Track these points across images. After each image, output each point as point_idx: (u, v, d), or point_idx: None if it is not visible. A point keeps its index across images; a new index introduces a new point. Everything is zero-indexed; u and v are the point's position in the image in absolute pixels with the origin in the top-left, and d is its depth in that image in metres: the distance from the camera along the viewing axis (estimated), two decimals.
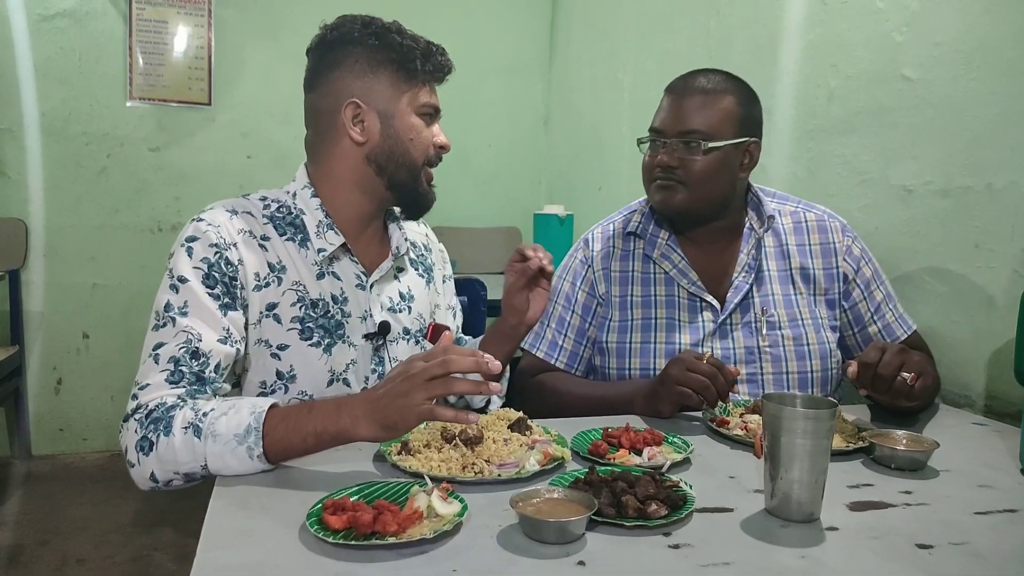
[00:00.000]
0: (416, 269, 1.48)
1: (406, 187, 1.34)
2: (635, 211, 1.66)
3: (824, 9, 2.05)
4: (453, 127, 4.27)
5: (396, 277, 1.43)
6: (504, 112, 4.10)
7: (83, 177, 3.47)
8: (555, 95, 4.11)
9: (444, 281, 1.58)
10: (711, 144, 1.47)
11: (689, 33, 2.75)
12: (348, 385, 1.32)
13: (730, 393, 1.37)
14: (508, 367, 1.53)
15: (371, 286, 1.35)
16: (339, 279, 1.33)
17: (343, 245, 1.33)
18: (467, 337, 1.62)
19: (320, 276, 1.31)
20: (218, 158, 3.63)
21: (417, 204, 1.38)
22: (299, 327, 1.28)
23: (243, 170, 3.63)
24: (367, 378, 1.34)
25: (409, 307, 1.42)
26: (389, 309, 1.39)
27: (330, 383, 1.30)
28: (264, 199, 1.33)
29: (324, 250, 1.30)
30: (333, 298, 1.31)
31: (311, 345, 1.29)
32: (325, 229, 1.31)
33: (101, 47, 3.43)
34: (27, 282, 3.41)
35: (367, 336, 1.34)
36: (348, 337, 1.32)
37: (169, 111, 3.55)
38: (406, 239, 1.45)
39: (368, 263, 1.37)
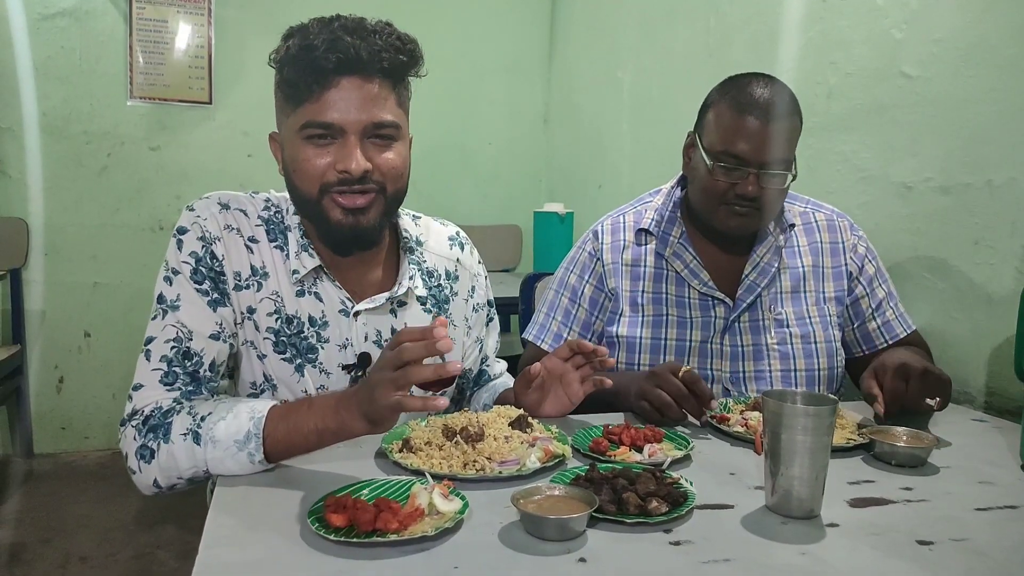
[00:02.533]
0: (423, 304, 1.36)
1: (315, 222, 1.22)
2: (648, 204, 1.63)
3: (823, 6, 2.05)
4: (454, 125, 4.30)
5: (393, 312, 1.32)
6: (504, 110, 4.10)
7: (84, 176, 3.47)
8: (555, 93, 4.11)
9: (475, 310, 1.46)
10: (794, 171, 1.46)
11: (689, 31, 2.75)
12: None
13: (728, 394, 1.37)
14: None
15: (356, 314, 1.27)
16: (321, 301, 1.26)
17: (320, 268, 1.25)
18: (504, 375, 1.57)
19: (300, 293, 1.25)
20: (219, 157, 3.63)
21: (336, 239, 1.22)
22: (273, 339, 1.23)
23: (244, 169, 3.64)
24: None
25: None
26: (375, 343, 1.29)
27: None
28: (268, 200, 1.29)
29: (297, 272, 1.24)
30: (311, 319, 1.25)
31: (283, 360, 1.24)
32: (301, 250, 1.24)
33: (101, 46, 3.44)
34: (28, 281, 3.41)
35: (345, 367, 1.27)
36: (321, 363, 1.25)
37: (170, 110, 3.55)
38: (420, 269, 1.36)
39: (358, 290, 1.29)
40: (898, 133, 1.81)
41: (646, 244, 1.60)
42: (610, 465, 1.06)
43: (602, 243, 1.62)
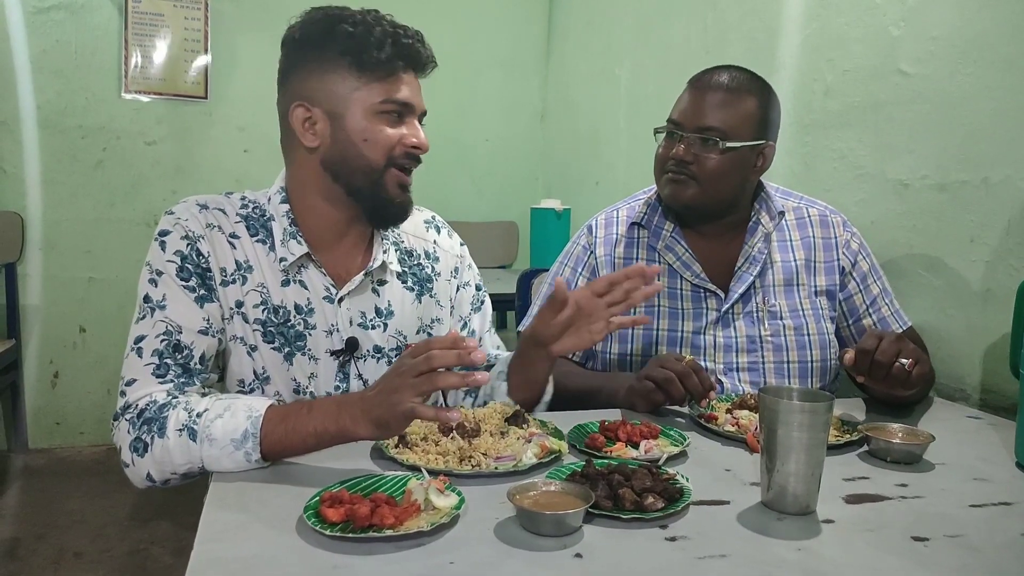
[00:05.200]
0: (404, 282, 1.37)
1: (366, 194, 1.24)
2: (640, 200, 1.65)
3: (821, 4, 2.05)
4: (450, 121, 4.28)
5: (374, 291, 1.34)
6: (501, 106, 4.10)
7: (79, 170, 3.45)
8: (552, 90, 4.11)
9: (459, 290, 1.47)
10: (728, 144, 1.46)
11: (686, 28, 2.75)
12: (313, 399, 1.26)
13: (722, 388, 1.37)
14: (550, 383, 1.39)
15: (339, 300, 1.28)
16: (306, 289, 1.27)
17: (308, 255, 1.27)
18: (501, 353, 1.51)
19: (285, 283, 1.26)
20: (215, 152, 3.62)
21: (383, 213, 1.28)
22: (262, 330, 1.25)
23: (240, 164, 3.63)
24: (329, 394, 1.28)
25: (385, 324, 1.33)
26: (360, 324, 1.31)
27: (296, 391, 1.27)
28: (244, 198, 1.30)
29: (285, 259, 1.25)
30: (297, 307, 1.26)
31: (273, 349, 1.25)
32: (288, 238, 1.26)
33: (97, 40, 3.42)
34: (23, 275, 3.40)
35: (333, 352, 1.28)
36: (309, 350, 1.27)
37: (165, 105, 3.54)
38: (398, 249, 1.38)
39: (343, 274, 1.30)
40: (895, 130, 1.81)
41: (639, 237, 1.62)
42: (606, 461, 1.06)
43: (596, 237, 1.65)
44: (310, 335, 1.27)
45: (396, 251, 1.38)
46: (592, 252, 1.63)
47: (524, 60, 4.12)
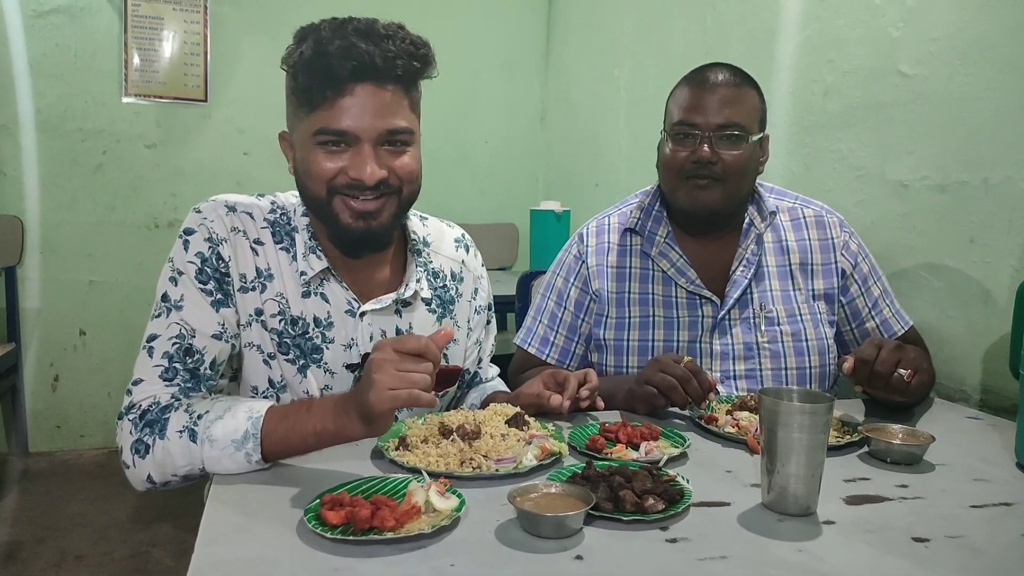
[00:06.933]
0: (428, 305, 1.36)
1: (324, 222, 1.22)
2: (632, 205, 1.63)
3: (820, 5, 2.05)
4: (450, 123, 4.29)
5: (398, 312, 1.32)
6: (501, 108, 4.10)
7: (79, 174, 3.46)
8: (552, 91, 4.11)
9: (477, 312, 1.46)
10: (753, 137, 1.46)
11: (686, 29, 2.75)
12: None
13: (718, 392, 1.38)
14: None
15: (362, 314, 1.27)
16: (327, 302, 1.26)
17: (327, 270, 1.25)
18: (494, 379, 1.56)
19: (306, 295, 1.25)
20: (215, 155, 3.62)
21: (342, 239, 1.23)
22: (278, 339, 1.23)
23: (240, 167, 3.63)
24: None
25: None
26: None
27: None
28: (274, 203, 1.29)
29: (305, 273, 1.24)
30: (316, 320, 1.25)
31: (287, 361, 1.24)
32: (308, 252, 1.24)
33: (96, 43, 3.42)
34: (23, 279, 3.41)
35: (349, 366, 1.27)
36: (325, 363, 1.26)
37: (165, 108, 3.54)
38: (426, 269, 1.36)
39: (365, 290, 1.29)
40: (895, 131, 1.81)
41: (631, 245, 1.60)
42: (607, 463, 1.06)
43: (587, 245, 1.62)
44: (328, 348, 1.26)
45: (424, 271, 1.36)
46: (584, 262, 1.61)
47: (524, 61, 4.12)
